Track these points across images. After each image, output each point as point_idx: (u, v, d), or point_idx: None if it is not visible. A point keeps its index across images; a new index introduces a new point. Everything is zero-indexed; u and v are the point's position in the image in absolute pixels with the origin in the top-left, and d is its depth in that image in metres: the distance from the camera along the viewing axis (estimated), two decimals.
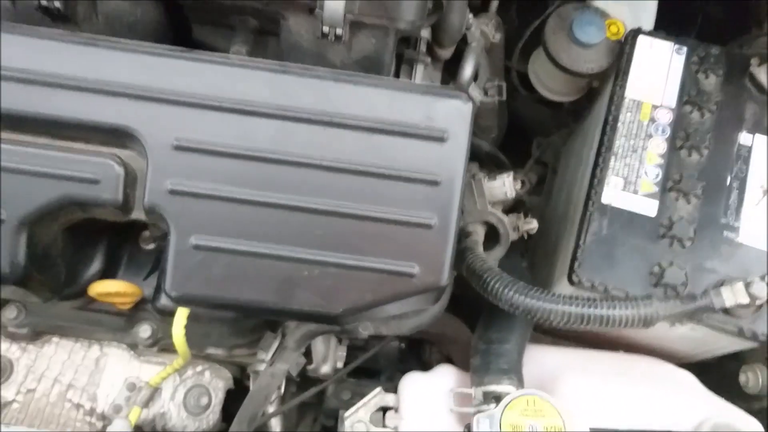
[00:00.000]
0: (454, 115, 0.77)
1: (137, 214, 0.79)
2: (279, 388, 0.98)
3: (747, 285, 0.82)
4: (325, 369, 1.06)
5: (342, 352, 1.10)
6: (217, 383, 1.08)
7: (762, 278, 0.82)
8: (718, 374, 1.04)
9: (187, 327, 0.89)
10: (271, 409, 1.05)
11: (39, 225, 0.77)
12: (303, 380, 1.15)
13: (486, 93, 1.22)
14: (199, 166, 0.75)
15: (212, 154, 0.75)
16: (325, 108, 0.76)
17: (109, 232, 0.95)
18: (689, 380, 0.97)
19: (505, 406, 0.79)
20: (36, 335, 1.04)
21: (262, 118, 0.76)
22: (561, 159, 1.36)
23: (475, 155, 1.17)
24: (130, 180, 0.77)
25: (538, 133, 1.45)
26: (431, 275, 0.77)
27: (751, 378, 0.99)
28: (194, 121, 0.75)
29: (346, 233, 0.76)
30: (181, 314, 0.85)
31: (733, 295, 0.82)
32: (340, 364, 1.10)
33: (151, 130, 0.75)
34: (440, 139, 0.76)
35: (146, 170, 0.76)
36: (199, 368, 1.08)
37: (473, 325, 1.03)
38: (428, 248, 0.77)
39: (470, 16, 1.14)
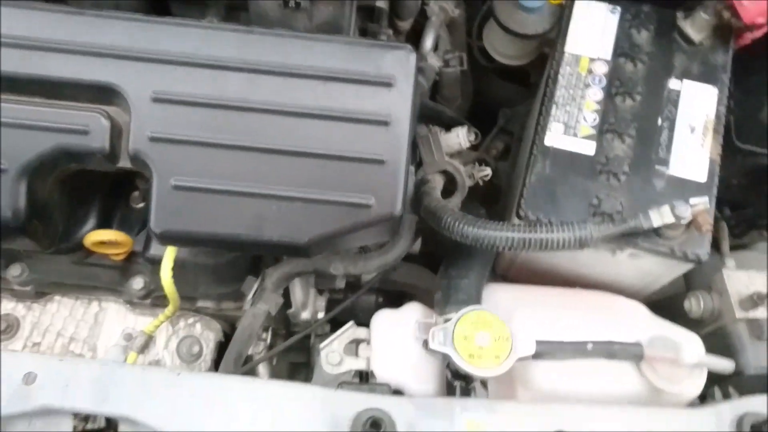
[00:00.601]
0: (399, 64, 0.87)
1: (123, 163, 0.88)
2: (261, 329, 1.07)
3: (672, 207, 0.91)
4: (305, 315, 1.15)
5: (321, 302, 1.19)
6: (208, 334, 1.18)
7: (686, 201, 0.91)
8: (667, 310, 1.13)
9: (175, 276, 0.99)
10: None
11: (37, 175, 0.87)
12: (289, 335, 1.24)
13: (447, 64, 1.32)
14: (176, 115, 0.85)
15: (187, 104, 0.85)
16: (285, 61, 0.86)
17: (102, 192, 1.05)
18: (637, 307, 1.05)
19: (457, 320, 0.89)
20: (39, 294, 1.14)
21: (230, 71, 0.86)
22: (525, 127, 1.45)
23: (438, 120, 1.27)
24: (116, 131, 0.87)
25: (506, 107, 1.55)
26: (386, 206, 0.86)
27: (694, 303, 1.08)
28: (170, 76, 0.85)
29: (308, 170, 0.86)
30: (168, 255, 0.94)
31: (660, 216, 0.91)
32: (320, 315, 1.20)
33: (133, 86, 0.85)
34: (388, 84, 0.86)
35: (129, 122, 0.86)
36: (190, 320, 1.17)
37: None
38: (382, 182, 0.86)
39: None
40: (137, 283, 1.10)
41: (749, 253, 1.18)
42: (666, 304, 1.16)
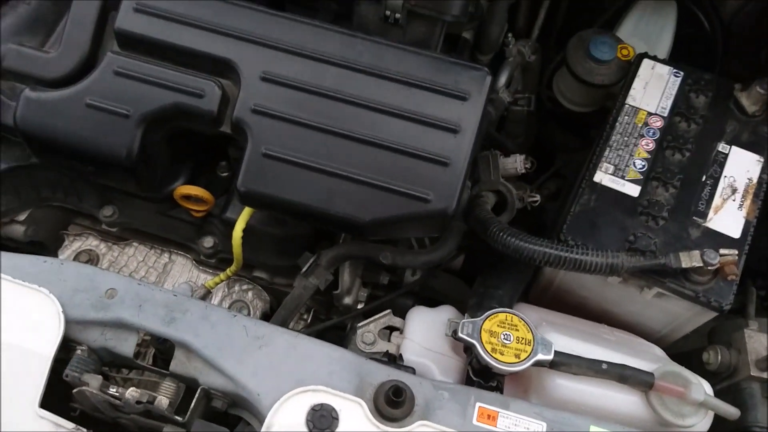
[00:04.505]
0: (475, 82, 0.99)
1: (225, 128, 1.03)
2: (307, 302, 1.17)
3: (702, 252, 0.99)
4: (348, 300, 1.25)
5: (364, 294, 1.29)
6: (257, 303, 1.29)
7: (716, 250, 0.99)
8: (686, 362, 1.18)
9: (243, 239, 1.11)
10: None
11: (153, 126, 1.02)
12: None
13: (516, 102, 1.43)
14: (278, 94, 0.99)
15: (288, 86, 1.00)
16: (377, 64, 1.00)
17: (197, 157, 1.19)
18: (655, 349, 1.12)
19: (486, 317, 0.98)
20: (120, 238, 1.29)
21: (330, 65, 1.00)
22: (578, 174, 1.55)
23: (500, 149, 1.37)
24: (225, 100, 1.02)
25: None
26: (442, 203, 0.98)
27: (712, 355, 1.14)
28: (279, 61, 1.00)
29: (380, 160, 0.98)
30: (244, 215, 1.07)
31: (689, 259, 0.98)
32: (361, 305, 1.30)
33: (246, 63, 1.00)
34: (462, 98, 0.99)
35: (237, 94, 1.00)
36: (245, 287, 1.29)
37: None
38: (442, 181, 0.98)
39: (510, 35, 1.38)
40: (208, 242, 1.23)
41: None
42: (686, 358, 1.21)
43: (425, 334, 1.11)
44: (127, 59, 1.02)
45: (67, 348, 0.95)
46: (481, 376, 1.02)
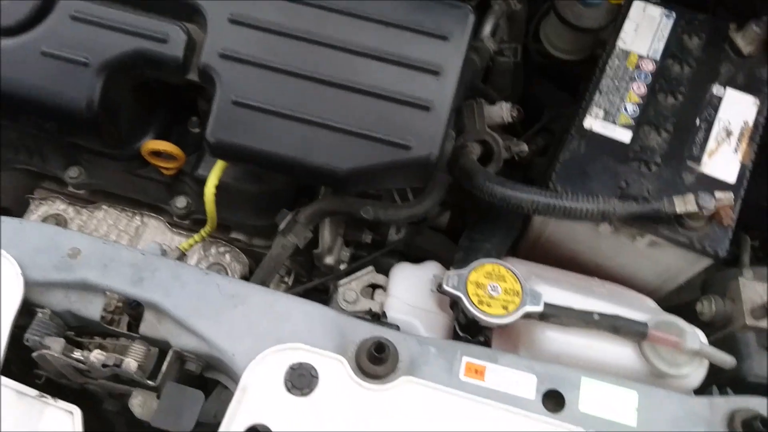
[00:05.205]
0: (457, 21, 0.93)
1: (192, 75, 0.97)
2: (286, 262, 1.13)
3: (697, 196, 0.94)
4: (329, 260, 1.20)
5: (346, 253, 1.24)
6: (235, 266, 1.24)
7: (711, 193, 0.95)
8: (679, 314, 1.15)
9: (216, 198, 1.06)
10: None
11: (114, 74, 0.95)
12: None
13: (502, 53, 1.37)
14: (247, 38, 0.93)
15: (259, 29, 0.93)
16: (354, 3, 0.93)
17: (165, 109, 1.13)
18: (648, 302, 1.08)
19: (473, 268, 0.93)
20: (89, 201, 1.22)
21: (303, 5, 0.94)
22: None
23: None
24: (191, 45, 0.95)
25: None
26: (424, 149, 0.92)
27: (706, 306, 1.10)
28: (249, 2, 0.93)
29: (358, 106, 0.92)
30: (216, 169, 1.01)
31: (683, 203, 0.94)
32: (343, 266, 1.25)
33: (213, 5, 0.94)
34: (444, 38, 0.93)
35: (204, 40, 0.94)
36: (221, 249, 1.24)
37: None
38: (424, 127, 0.92)
39: None
40: (180, 201, 1.17)
41: None
42: (679, 311, 1.17)
43: (410, 290, 1.07)
44: (85, 2, 0.95)
45: (30, 313, 0.90)
46: (468, 331, 0.98)
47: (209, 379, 0.96)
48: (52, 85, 0.95)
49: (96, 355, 0.83)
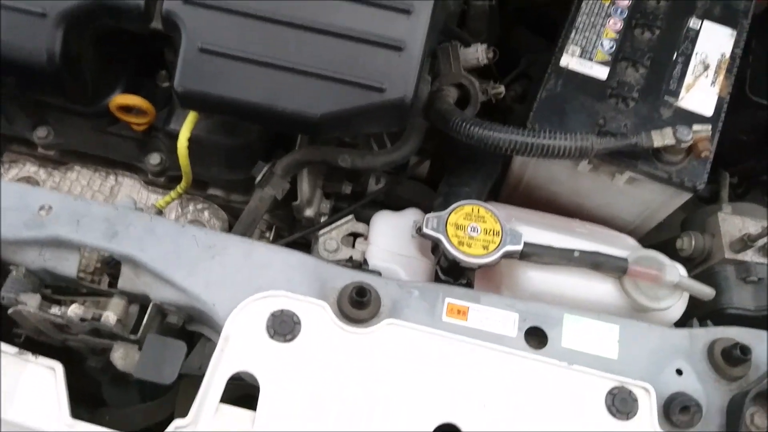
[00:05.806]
0: None
1: (156, 24, 0.93)
2: (265, 214, 1.11)
3: (675, 130, 0.94)
4: (309, 213, 1.19)
5: (326, 205, 1.23)
6: (214, 222, 1.22)
7: (689, 126, 0.94)
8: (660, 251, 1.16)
9: (190, 153, 1.03)
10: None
11: (74, 25, 0.92)
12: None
13: None
14: None
15: None
16: None
17: (132, 62, 1.10)
18: (628, 240, 1.08)
19: (452, 210, 0.92)
20: (61, 162, 1.20)
21: None
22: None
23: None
24: None
25: None
26: (398, 91, 0.90)
27: (686, 241, 1.11)
28: None
29: (328, 49, 0.90)
30: (188, 122, 0.99)
31: (661, 137, 0.93)
32: (324, 219, 1.24)
33: None
34: None
35: None
36: (199, 206, 1.22)
37: None
38: (397, 68, 0.90)
39: None
40: (154, 158, 1.15)
41: (747, 204, 1.20)
42: (659, 248, 1.18)
43: (391, 238, 1.06)
44: None
45: (5, 273, 0.89)
46: (450, 273, 0.98)
47: (194, 334, 0.96)
48: (11, 38, 0.91)
49: (74, 309, 0.82)
